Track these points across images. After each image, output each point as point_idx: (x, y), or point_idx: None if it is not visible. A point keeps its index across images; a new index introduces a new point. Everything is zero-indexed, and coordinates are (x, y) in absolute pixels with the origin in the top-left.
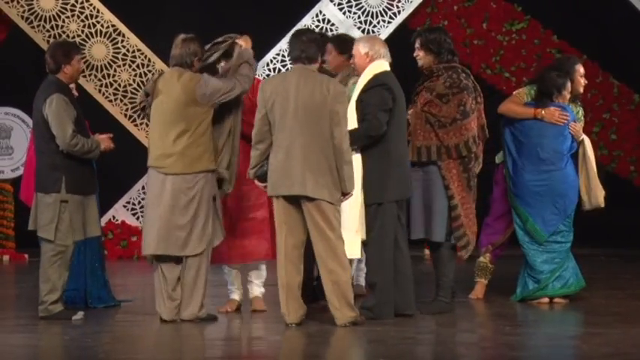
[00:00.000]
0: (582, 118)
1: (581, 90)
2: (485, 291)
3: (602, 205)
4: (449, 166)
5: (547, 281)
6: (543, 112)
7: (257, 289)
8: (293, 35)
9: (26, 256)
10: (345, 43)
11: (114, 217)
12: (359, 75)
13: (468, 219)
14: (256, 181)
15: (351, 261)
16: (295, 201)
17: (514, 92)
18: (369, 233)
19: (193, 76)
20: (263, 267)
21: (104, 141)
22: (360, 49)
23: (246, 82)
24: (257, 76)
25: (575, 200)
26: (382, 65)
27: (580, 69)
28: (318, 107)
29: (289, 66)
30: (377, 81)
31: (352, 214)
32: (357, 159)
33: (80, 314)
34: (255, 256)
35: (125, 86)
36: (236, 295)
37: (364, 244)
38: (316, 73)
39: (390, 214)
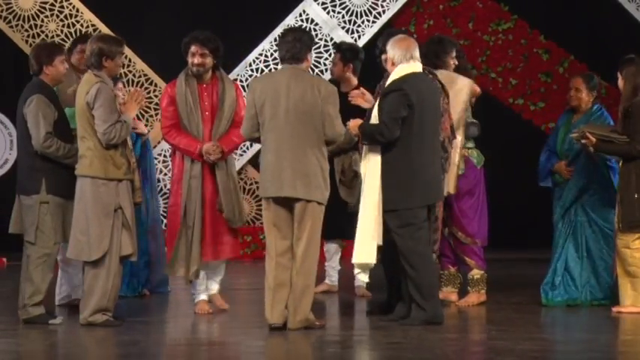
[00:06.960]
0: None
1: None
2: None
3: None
4: None
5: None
6: None
7: (216, 287)
8: (280, 35)
9: (4, 259)
10: None
11: None
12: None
13: (439, 221)
14: None
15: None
16: (285, 203)
17: None
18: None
19: (91, 80)
20: (223, 265)
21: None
22: (388, 54)
23: (118, 139)
24: (239, 77)
25: None
26: (403, 70)
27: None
28: (310, 108)
29: (272, 66)
30: (393, 86)
31: (369, 219)
32: (376, 165)
33: (59, 319)
34: (227, 254)
35: None
36: (205, 296)
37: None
38: (307, 73)
39: (420, 220)
